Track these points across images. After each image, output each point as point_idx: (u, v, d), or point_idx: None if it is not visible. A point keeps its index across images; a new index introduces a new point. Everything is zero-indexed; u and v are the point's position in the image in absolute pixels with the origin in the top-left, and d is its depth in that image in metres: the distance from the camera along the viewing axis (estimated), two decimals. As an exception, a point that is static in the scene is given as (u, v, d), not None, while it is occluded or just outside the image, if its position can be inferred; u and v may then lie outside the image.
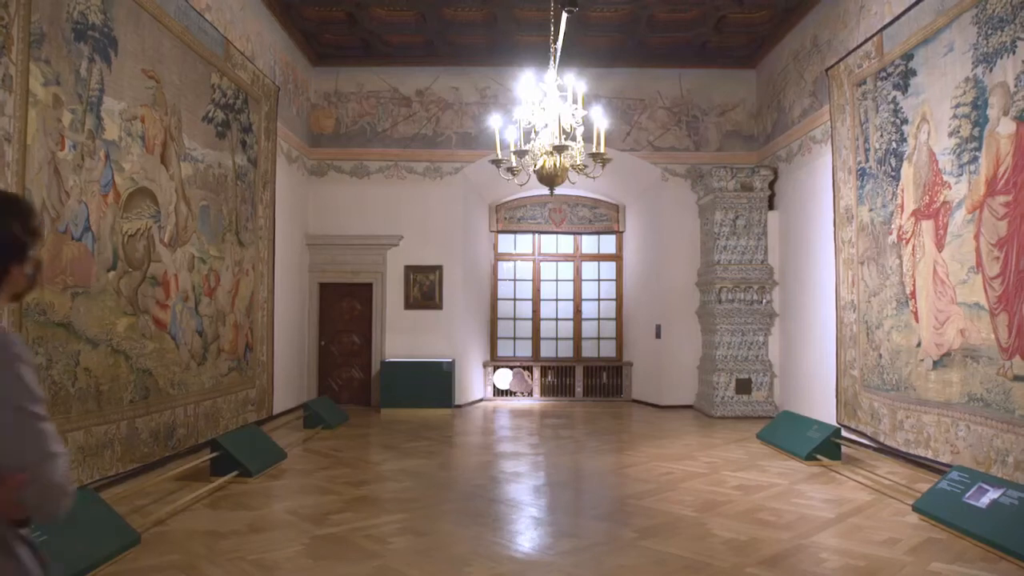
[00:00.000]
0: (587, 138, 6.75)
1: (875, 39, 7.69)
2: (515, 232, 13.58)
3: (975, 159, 6.05)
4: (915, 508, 5.36)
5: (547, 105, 6.68)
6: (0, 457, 1.42)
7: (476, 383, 12.50)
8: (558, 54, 7.25)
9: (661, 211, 11.91)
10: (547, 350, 13.41)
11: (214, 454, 6.37)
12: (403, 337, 11.63)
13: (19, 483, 1.41)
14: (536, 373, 12.89)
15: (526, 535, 5.01)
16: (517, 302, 13.53)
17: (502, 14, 9.99)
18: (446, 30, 10.56)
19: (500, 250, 13.57)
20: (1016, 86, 5.54)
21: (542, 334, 13.44)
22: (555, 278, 13.57)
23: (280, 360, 9.91)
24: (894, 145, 7.36)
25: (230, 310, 8.25)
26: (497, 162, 6.98)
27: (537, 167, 6.72)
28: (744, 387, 10.73)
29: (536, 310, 13.47)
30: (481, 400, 12.56)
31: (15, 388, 1.46)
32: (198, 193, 7.40)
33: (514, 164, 6.97)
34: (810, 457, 7.27)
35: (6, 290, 1.59)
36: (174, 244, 6.91)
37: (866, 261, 7.96)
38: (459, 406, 11.61)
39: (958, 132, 6.29)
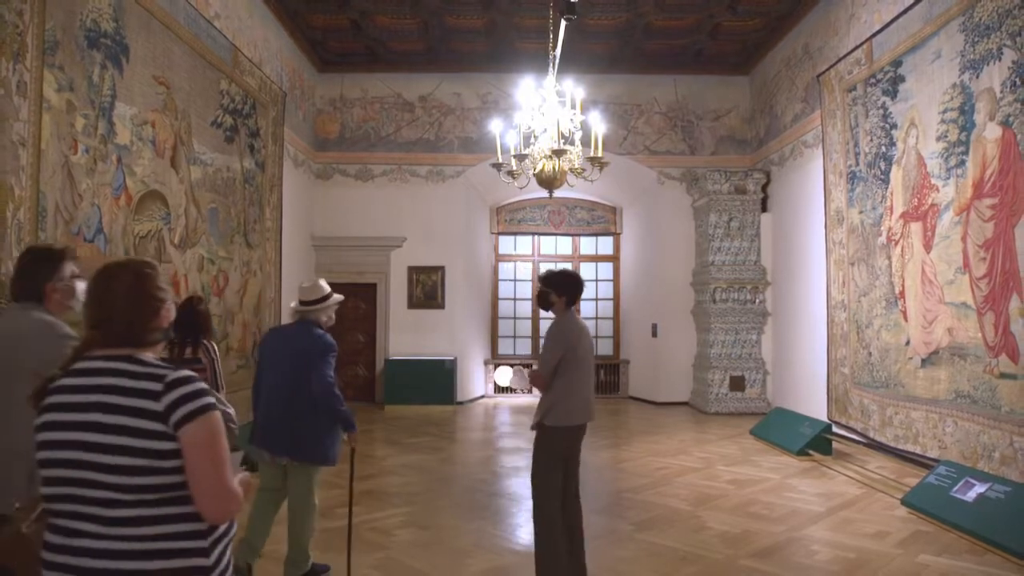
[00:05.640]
0: (585, 142, 6.87)
1: (865, 46, 7.84)
2: (515, 234, 13.73)
3: (962, 163, 6.19)
4: (904, 502, 5.49)
5: (546, 110, 6.81)
6: (539, 366, 4.04)
7: (477, 380, 12.64)
8: (557, 60, 7.37)
9: (657, 213, 12.07)
10: (546, 349, 13.53)
11: (222, 450, 6.49)
12: (406, 336, 11.78)
13: (536, 376, 4.09)
14: (536, 372, 13.02)
15: (526, 528, 5.10)
16: (517, 302, 13.69)
17: (502, 21, 10.13)
18: (448, 37, 10.71)
19: (500, 251, 13.73)
20: (1002, 92, 5.67)
21: (542, 333, 13.58)
22: (554, 279, 13.70)
23: (285, 359, 10.03)
24: (883, 149, 7.52)
25: (238, 309, 8.40)
26: (498, 166, 7.10)
27: (537, 170, 6.83)
28: (738, 384, 10.89)
29: (536, 309, 13.60)
30: (482, 397, 12.71)
31: (563, 340, 3.97)
32: (207, 196, 7.55)
33: (514, 168, 7.11)
34: (802, 452, 7.41)
35: None
36: (184, 245, 7.05)
37: (856, 262, 8.11)
38: (461, 403, 11.75)
39: (946, 136, 6.43)
